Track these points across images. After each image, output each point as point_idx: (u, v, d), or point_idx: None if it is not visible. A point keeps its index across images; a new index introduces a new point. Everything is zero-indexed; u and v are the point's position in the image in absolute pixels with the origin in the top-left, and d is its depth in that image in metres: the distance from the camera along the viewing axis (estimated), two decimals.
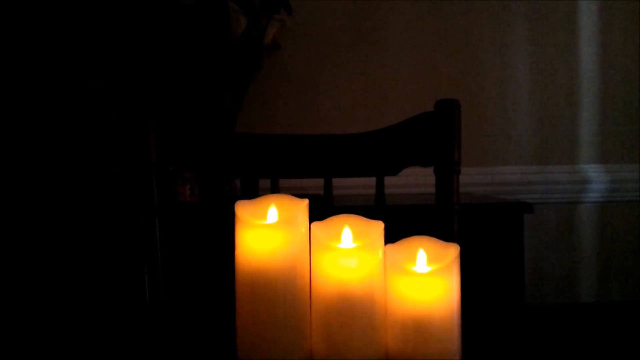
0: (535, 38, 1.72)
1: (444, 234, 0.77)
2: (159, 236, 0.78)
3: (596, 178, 1.72)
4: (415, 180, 1.49)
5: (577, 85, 1.73)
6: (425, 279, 0.52)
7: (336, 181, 0.85)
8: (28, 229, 1.20)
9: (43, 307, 1.18)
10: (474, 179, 1.64)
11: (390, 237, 0.55)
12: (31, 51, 1.23)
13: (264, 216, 0.57)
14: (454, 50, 1.69)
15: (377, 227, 0.55)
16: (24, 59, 1.23)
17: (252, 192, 0.82)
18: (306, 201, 0.57)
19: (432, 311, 0.52)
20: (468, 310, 0.56)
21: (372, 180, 0.85)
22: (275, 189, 0.83)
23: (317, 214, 0.58)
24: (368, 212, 0.61)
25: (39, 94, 1.23)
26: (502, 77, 1.71)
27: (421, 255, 0.54)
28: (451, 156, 0.81)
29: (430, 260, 0.54)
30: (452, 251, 0.54)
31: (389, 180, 0.86)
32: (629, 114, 1.73)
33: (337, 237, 0.55)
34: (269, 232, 0.55)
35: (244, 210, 0.57)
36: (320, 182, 0.86)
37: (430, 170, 0.83)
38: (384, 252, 0.54)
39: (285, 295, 0.54)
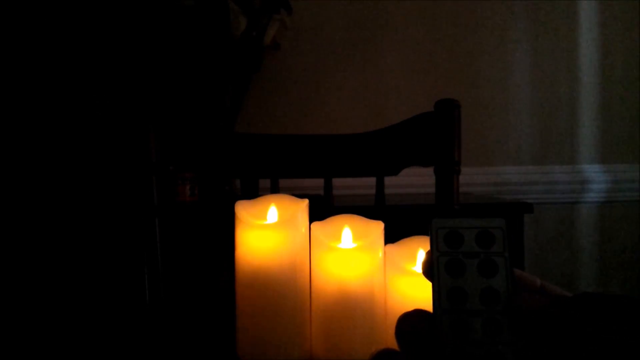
0: (535, 38, 1.72)
1: None
2: (159, 236, 0.78)
3: (596, 178, 1.72)
4: (415, 180, 1.49)
5: (577, 86, 1.73)
6: (425, 279, 0.52)
7: (336, 181, 0.85)
8: (28, 229, 1.20)
9: (43, 307, 1.18)
10: (474, 179, 1.64)
11: (390, 237, 0.55)
12: (31, 51, 1.23)
13: (264, 216, 0.57)
14: (454, 50, 1.69)
15: (377, 227, 0.55)
16: (24, 59, 1.23)
17: (252, 192, 0.82)
18: (306, 201, 0.57)
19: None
20: None
21: (372, 180, 0.85)
22: (275, 189, 0.83)
23: (317, 214, 0.58)
24: (368, 212, 0.61)
25: (39, 94, 1.23)
26: (502, 77, 1.71)
27: (421, 255, 0.54)
28: (451, 156, 0.81)
29: None
30: None
31: (389, 180, 0.86)
32: (629, 114, 1.73)
33: (337, 237, 0.55)
34: (269, 232, 0.55)
35: (244, 210, 0.57)
36: (320, 182, 0.86)
37: (430, 170, 0.83)
38: (384, 252, 0.54)
39: (285, 295, 0.54)
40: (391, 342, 0.54)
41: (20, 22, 1.22)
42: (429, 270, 0.34)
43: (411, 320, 0.33)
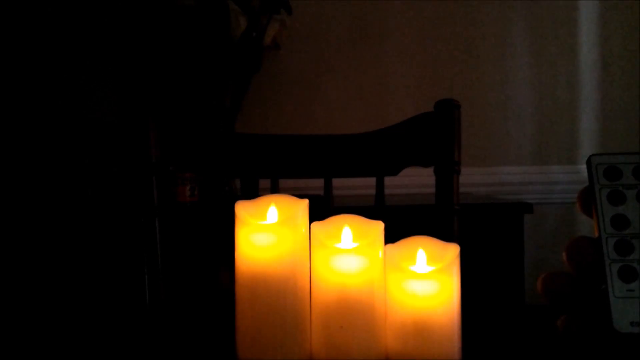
0: (535, 38, 1.72)
1: (444, 234, 0.77)
2: (159, 236, 0.78)
3: None
4: (415, 181, 1.49)
5: (577, 86, 1.73)
6: (425, 279, 0.52)
7: (336, 181, 0.85)
8: (28, 230, 1.20)
9: (43, 307, 1.18)
10: (474, 179, 1.64)
11: (390, 237, 0.55)
12: (31, 51, 1.23)
13: (264, 216, 0.57)
14: (454, 50, 1.69)
15: (377, 227, 0.55)
16: (25, 59, 1.23)
17: (252, 192, 0.82)
18: (306, 201, 0.57)
19: (432, 311, 0.52)
20: (468, 310, 0.56)
21: (372, 181, 0.85)
22: (275, 189, 0.83)
23: (317, 214, 0.58)
24: (368, 212, 0.61)
25: (39, 94, 1.23)
26: (502, 77, 1.71)
27: (421, 255, 0.54)
28: (451, 156, 0.81)
29: (430, 260, 0.54)
30: (452, 251, 0.54)
31: (389, 180, 0.86)
32: (629, 114, 1.73)
33: (337, 237, 0.55)
34: (269, 232, 0.55)
35: (244, 210, 0.57)
36: (320, 182, 0.86)
37: (430, 170, 0.83)
38: (384, 252, 0.54)
39: (285, 296, 0.54)
40: (391, 342, 0.54)
41: (21, 22, 1.22)
42: (587, 201, 0.39)
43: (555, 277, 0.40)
